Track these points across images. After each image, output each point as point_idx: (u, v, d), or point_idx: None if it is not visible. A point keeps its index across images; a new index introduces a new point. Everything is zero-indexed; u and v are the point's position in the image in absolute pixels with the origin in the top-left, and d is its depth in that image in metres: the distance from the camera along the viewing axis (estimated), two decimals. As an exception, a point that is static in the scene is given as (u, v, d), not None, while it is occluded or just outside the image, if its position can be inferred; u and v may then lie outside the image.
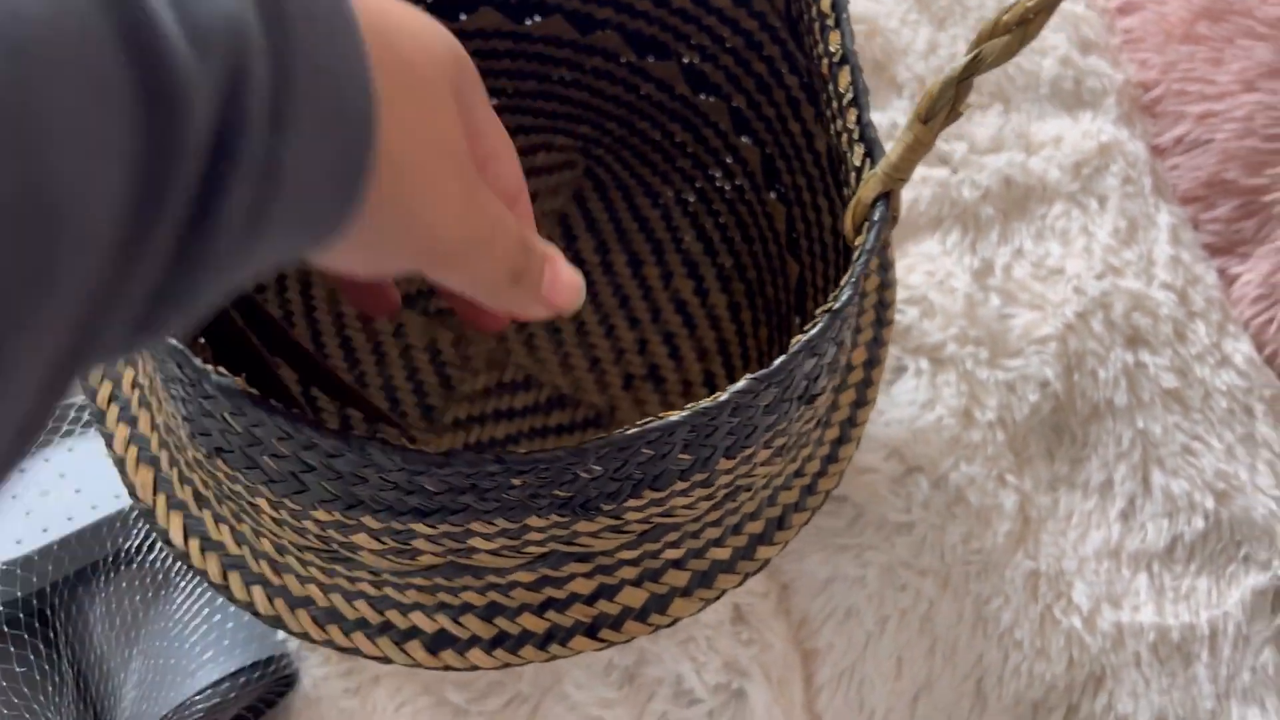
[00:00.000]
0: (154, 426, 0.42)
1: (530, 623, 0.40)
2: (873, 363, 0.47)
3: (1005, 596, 0.56)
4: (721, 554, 0.42)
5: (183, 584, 0.50)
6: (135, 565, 0.50)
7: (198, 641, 0.48)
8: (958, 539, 0.57)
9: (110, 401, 0.43)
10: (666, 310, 0.63)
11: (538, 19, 0.60)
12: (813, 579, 0.57)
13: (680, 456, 0.35)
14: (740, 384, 0.33)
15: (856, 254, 0.36)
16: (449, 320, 0.63)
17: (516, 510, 0.34)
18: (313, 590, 0.40)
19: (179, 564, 0.51)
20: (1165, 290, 0.63)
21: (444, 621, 0.40)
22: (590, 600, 0.40)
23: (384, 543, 0.36)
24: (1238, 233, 0.66)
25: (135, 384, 0.42)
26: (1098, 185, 0.67)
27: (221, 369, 0.31)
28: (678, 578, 0.41)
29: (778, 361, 0.33)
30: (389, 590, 0.39)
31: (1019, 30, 0.30)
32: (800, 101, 0.51)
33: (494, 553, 0.37)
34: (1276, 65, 0.64)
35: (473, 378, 0.62)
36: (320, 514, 0.35)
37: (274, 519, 0.38)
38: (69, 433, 0.54)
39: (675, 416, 0.32)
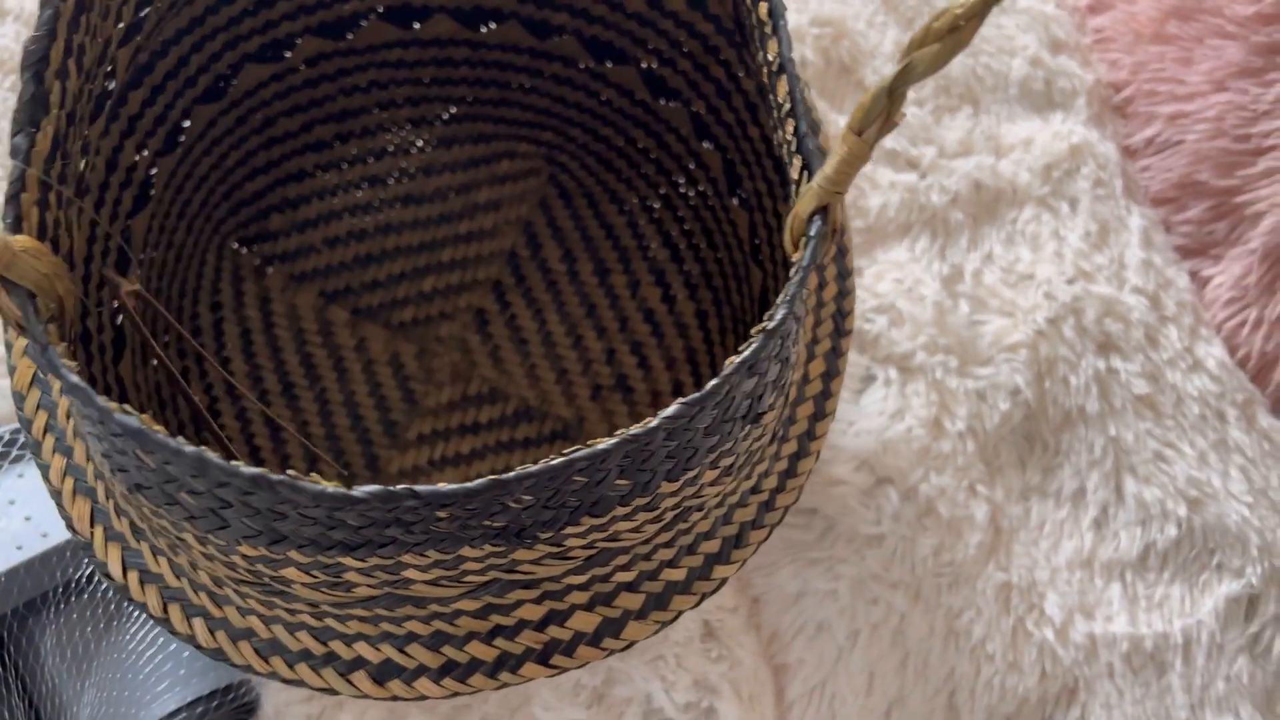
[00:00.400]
0: (89, 457, 0.40)
1: (479, 650, 0.39)
2: (831, 374, 0.46)
3: (977, 609, 0.56)
4: (676, 575, 0.41)
5: (136, 614, 0.49)
6: (87, 595, 0.49)
7: (152, 672, 0.47)
8: (929, 551, 0.56)
9: (45, 432, 0.42)
10: (634, 319, 0.62)
11: (493, 26, 0.59)
12: (783, 593, 0.56)
13: (617, 482, 0.34)
14: (671, 409, 0.32)
15: (793, 270, 0.35)
16: (411, 333, 0.62)
17: (448, 542, 0.33)
18: (254, 622, 0.39)
19: (132, 593, 0.50)
20: (1137, 295, 0.63)
21: (389, 651, 0.39)
22: (540, 626, 0.39)
23: (315, 576, 0.35)
24: (1210, 234, 0.65)
25: (69, 414, 0.41)
26: (1068, 188, 0.66)
27: (127, 407, 0.30)
28: (631, 600, 0.40)
29: (710, 384, 0.32)
30: (330, 621, 0.38)
31: (950, 38, 0.29)
32: (758, 106, 0.50)
33: (432, 583, 0.36)
34: (1246, 65, 0.64)
35: (437, 391, 0.61)
36: (245, 549, 0.34)
37: (203, 554, 0.37)
38: (19, 458, 0.53)
39: (603, 445, 0.31)
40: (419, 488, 0.30)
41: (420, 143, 0.65)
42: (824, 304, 0.47)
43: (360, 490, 0.29)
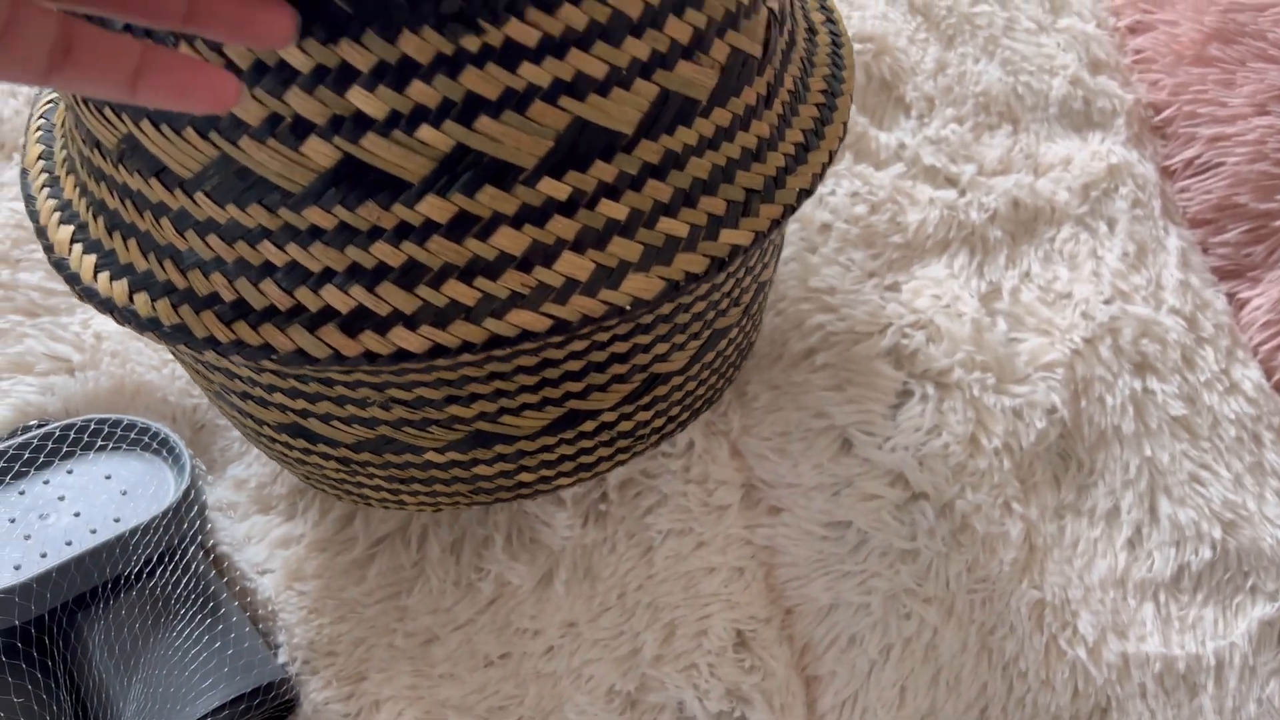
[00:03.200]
0: (76, 182, 0.42)
1: (457, 291, 0.36)
2: (834, 94, 0.45)
3: (1010, 626, 0.56)
4: (677, 229, 0.38)
5: (184, 610, 0.50)
6: (135, 592, 0.50)
7: (198, 669, 0.48)
8: (963, 567, 0.57)
9: (42, 188, 0.43)
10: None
11: None
12: (816, 605, 0.56)
13: None
14: None
15: None
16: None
17: (384, 16, 0.32)
18: (218, 282, 0.37)
19: (180, 590, 0.51)
20: (1174, 316, 0.63)
21: (359, 295, 0.36)
22: (524, 267, 0.36)
23: (259, 101, 0.34)
24: (1248, 257, 0.65)
25: (65, 158, 0.42)
26: (1107, 208, 0.66)
27: None
28: (626, 249, 0.37)
29: None
30: (294, 250, 0.36)
31: None
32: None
33: (383, 131, 0.34)
34: (1289, 89, 0.64)
35: None
36: None
37: (159, 140, 0.36)
38: (69, 455, 0.53)
39: None
40: None
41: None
42: (818, 45, 0.47)
43: None
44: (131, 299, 0.38)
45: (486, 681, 0.54)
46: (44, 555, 0.49)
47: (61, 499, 0.51)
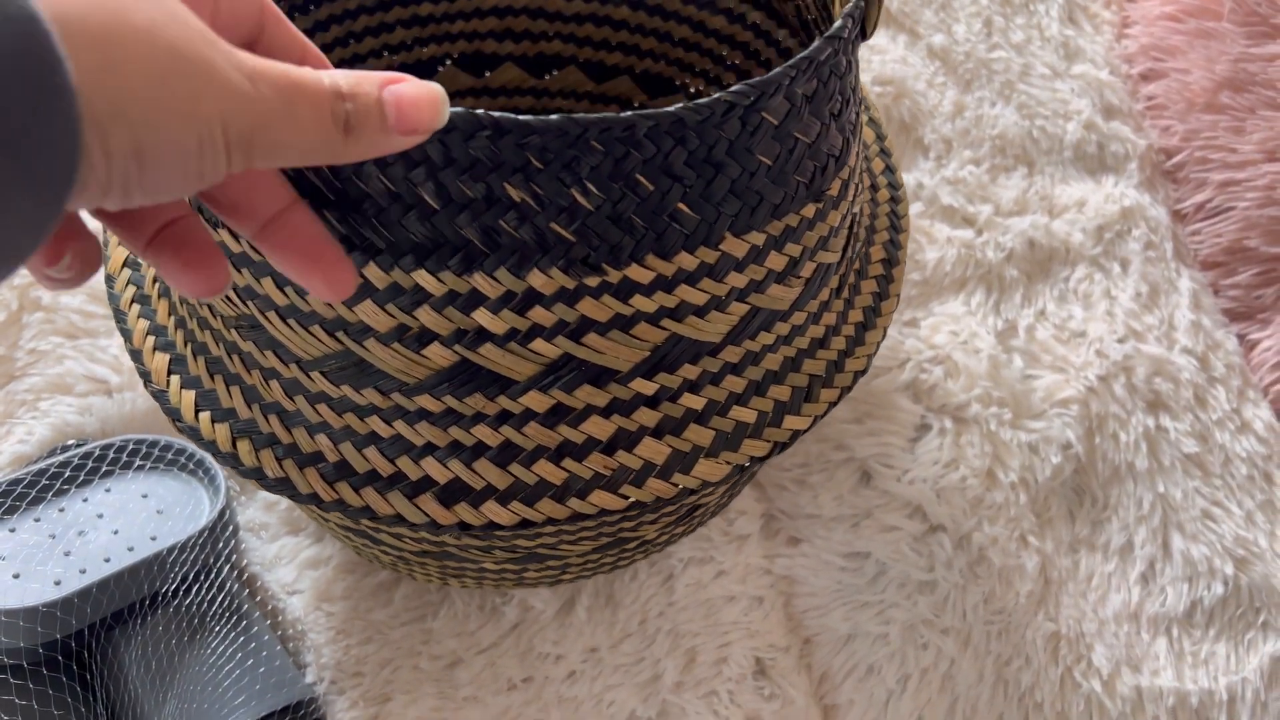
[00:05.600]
0: (171, 310, 0.42)
1: (546, 471, 0.39)
2: (892, 262, 0.48)
3: (1026, 657, 0.57)
4: (746, 415, 0.41)
5: (217, 628, 0.51)
6: (171, 609, 0.51)
7: (230, 685, 0.49)
8: (979, 599, 0.58)
9: (132, 303, 0.44)
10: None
11: (555, 73, 0.62)
12: (834, 634, 0.57)
13: (680, 209, 0.35)
14: (730, 88, 0.34)
15: (851, 6, 0.37)
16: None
17: (517, 257, 0.34)
18: (323, 442, 0.39)
19: (214, 608, 0.52)
20: (1186, 355, 0.64)
21: (457, 469, 0.38)
22: (608, 450, 0.39)
23: (390, 315, 0.36)
24: (1258, 299, 0.67)
25: (155, 279, 0.43)
26: (1120, 249, 0.68)
27: None
28: (700, 435, 0.40)
29: (767, 75, 0.34)
30: (400, 426, 0.38)
31: None
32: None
33: (501, 343, 0.36)
34: (1298, 136, 0.66)
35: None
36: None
37: (283, 328, 0.38)
38: (108, 474, 0.55)
39: (663, 110, 0.33)
40: (496, 114, 0.31)
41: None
42: (879, 203, 0.49)
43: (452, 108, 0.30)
44: (234, 445, 0.40)
45: (509, 705, 0.55)
46: (83, 571, 0.50)
47: (100, 517, 0.53)
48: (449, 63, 0.62)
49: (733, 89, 0.34)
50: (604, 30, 0.58)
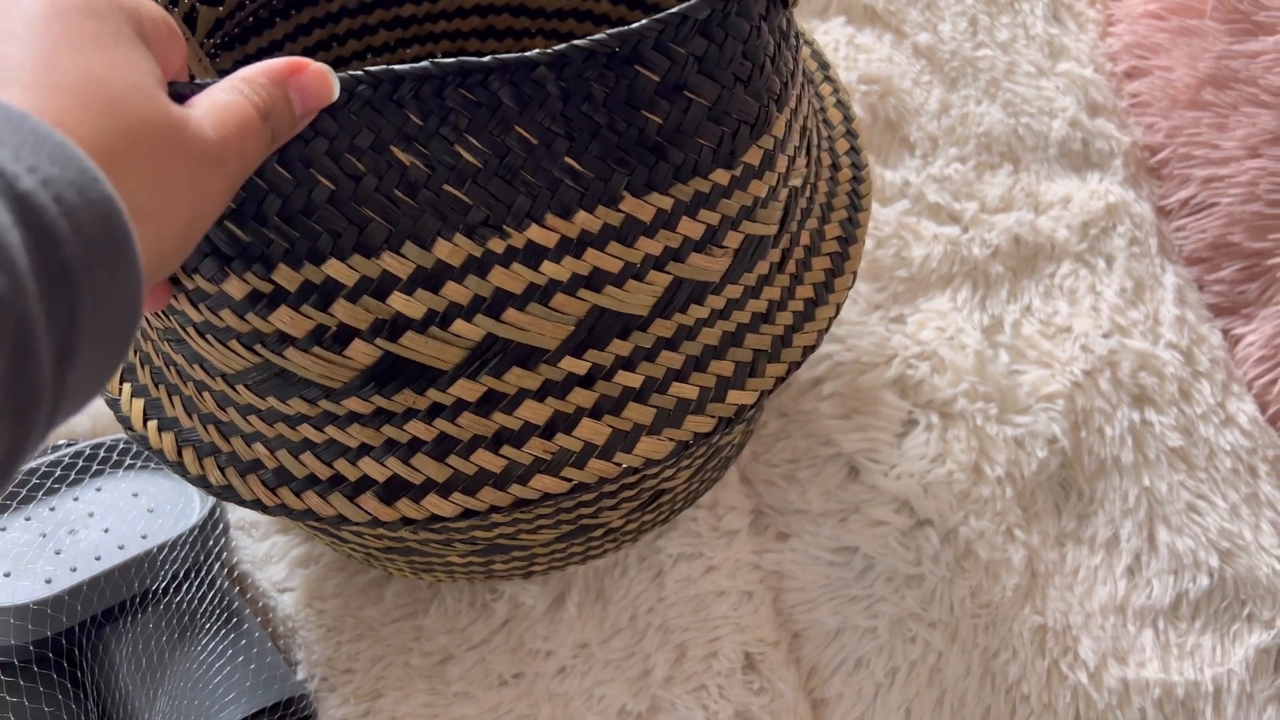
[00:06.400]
0: None
1: (486, 460, 0.38)
2: (848, 240, 0.47)
3: (1013, 650, 0.57)
4: (687, 391, 0.40)
5: (208, 625, 0.51)
6: (162, 606, 0.51)
7: (221, 682, 0.49)
8: (966, 592, 0.58)
9: None
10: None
11: None
12: (823, 629, 0.58)
13: (569, 163, 0.35)
14: (595, 35, 0.34)
15: None
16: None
17: (421, 228, 0.35)
18: (259, 451, 0.39)
19: (205, 605, 0.52)
20: (1171, 350, 0.65)
21: (395, 465, 0.38)
22: (547, 433, 0.39)
23: (306, 316, 0.36)
24: (1242, 294, 0.67)
25: None
26: (1105, 245, 0.68)
27: None
28: (641, 413, 0.39)
29: (639, 23, 0.34)
30: (332, 430, 0.38)
31: None
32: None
33: (420, 329, 0.36)
34: (1280, 133, 0.66)
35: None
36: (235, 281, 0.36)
37: (203, 344, 0.38)
38: (98, 473, 0.55)
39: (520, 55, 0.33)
40: (371, 69, 0.32)
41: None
42: (839, 181, 0.48)
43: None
44: (180, 454, 0.41)
45: (500, 701, 0.55)
46: (74, 569, 0.50)
47: (91, 515, 0.53)
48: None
49: (596, 36, 0.34)
50: (586, 25, 0.59)
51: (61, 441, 0.57)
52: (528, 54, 0.33)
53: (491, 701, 0.55)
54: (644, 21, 0.34)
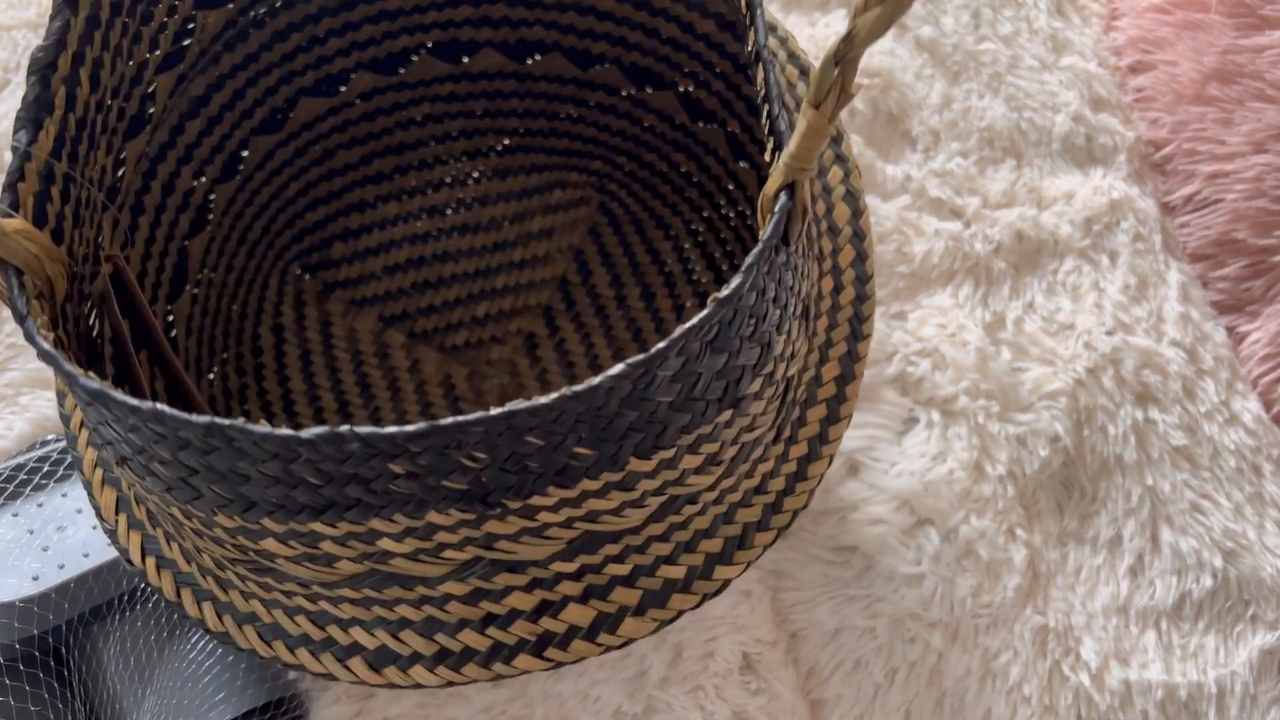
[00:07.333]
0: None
1: (472, 639, 0.39)
2: (846, 378, 0.45)
3: (1014, 651, 0.57)
4: (674, 572, 0.40)
5: (197, 624, 0.50)
6: (150, 604, 0.50)
7: (210, 681, 0.49)
8: (967, 592, 0.57)
9: (81, 427, 0.44)
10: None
11: (538, 57, 0.61)
12: (821, 629, 0.57)
13: (579, 450, 0.33)
14: (616, 368, 0.31)
15: (759, 246, 0.34)
16: (463, 355, 0.64)
17: (412, 505, 0.34)
18: (256, 607, 0.40)
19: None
20: (1175, 348, 0.64)
21: (384, 637, 0.39)
22: (533, 617, 0.39)
23: (293, 547, 0.36)
24: (1246, 291, 0.66)
25: None
26: (1108, 241, 0.67)
27: (90, 373, 0.31)
28: (627, 596, 0.39)
29: (655, 348, 0.31)
30: (325, 604, 0.39)
31: (889, 3, 0.29)
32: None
33: (410, 557, 0.36)
34: (1286, 128, 0.65)
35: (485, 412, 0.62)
36: (223, 520, 0.35)
37: (193, 530, 0.38)
38: (87, 468, 0.54)
39: (546, 399, 0.30)
40: (360, 429, 0.30)
41: (476, 174, 0.67)
42: (840, 307, 0.46)
43: (306, 431, 0.30)
44: (179, 595, 0.41)
45: (494, 701, 0.54)
46: (61, 567, 0.49)
47: (79, 512, 0.52)
48: (423, 52, 0.61)
49: (614, 371, 0.31)
50: (588, 19, 0.57)
51: (50, 437, 0.57)
52: (548, 400, 0.30)
53: (485, 702, 0.54)
54: (662, 344, 0.32)
